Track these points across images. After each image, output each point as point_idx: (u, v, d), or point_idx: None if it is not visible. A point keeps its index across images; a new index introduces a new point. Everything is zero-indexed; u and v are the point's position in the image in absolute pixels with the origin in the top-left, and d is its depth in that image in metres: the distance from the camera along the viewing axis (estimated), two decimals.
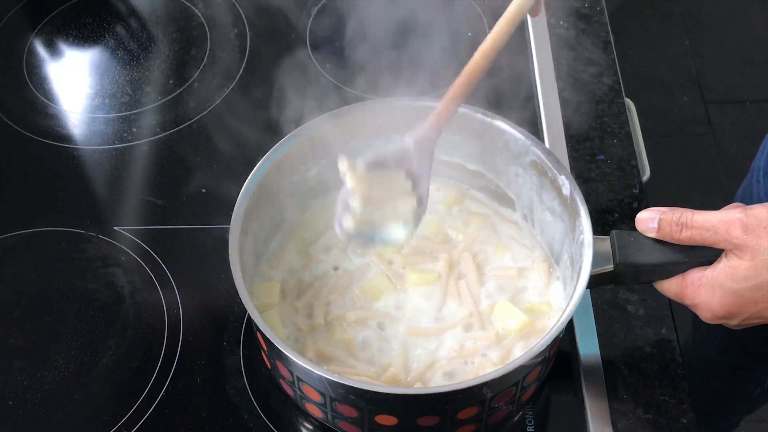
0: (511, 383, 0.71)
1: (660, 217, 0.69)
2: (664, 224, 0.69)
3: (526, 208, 0.84)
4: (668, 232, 0.69)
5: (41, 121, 1.00)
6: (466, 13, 1.09)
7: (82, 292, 0.87)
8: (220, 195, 0.89)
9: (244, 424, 0.78)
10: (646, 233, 0.71)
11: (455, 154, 0.86)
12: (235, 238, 0.73)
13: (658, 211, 0.70)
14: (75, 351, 0.83)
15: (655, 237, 0.70)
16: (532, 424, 0.77)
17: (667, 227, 0.69)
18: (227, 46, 1.07)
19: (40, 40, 1.09)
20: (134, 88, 1.04)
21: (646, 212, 0.70)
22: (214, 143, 0.97)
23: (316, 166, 0.84)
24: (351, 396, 0.68)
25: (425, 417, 0.70)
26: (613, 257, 0.72)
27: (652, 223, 0.70)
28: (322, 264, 0.82)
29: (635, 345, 0.81)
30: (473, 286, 0.80)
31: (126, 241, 0.90)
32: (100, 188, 0.95)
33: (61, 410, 0.79)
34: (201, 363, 0.81)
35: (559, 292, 0.80)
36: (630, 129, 0.97)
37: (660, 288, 0.72)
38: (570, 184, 0.76)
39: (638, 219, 0.71)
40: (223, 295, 0.85)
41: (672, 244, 0.70)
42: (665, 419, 0.77)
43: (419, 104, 0.84)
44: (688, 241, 0.69)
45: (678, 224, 0.68)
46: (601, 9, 1.09)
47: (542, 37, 1.05)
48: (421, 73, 0.94)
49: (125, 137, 0.99)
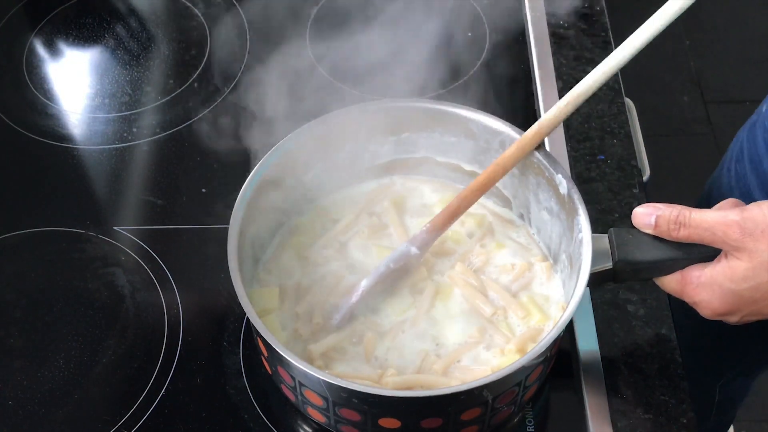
0: (514, 383, 0.71)
1: (657, 213, 0.69)
2: (662, 221, 0.69)
3: (523, 207, 0.84)
4: (665, 229, 0.69)
5: (41, 121, 1.00)
6: (466, 13, 1.09)
7: (82, 292, 0.87)
8: (220, 195, 0.90)
9: (244, 424, 0.78)
10: (642, 229, 0.71)
11: (451, 155, 0.86)
12: (234, 242, 0.73)
13: (655, 208, 0.70)
14: (75, 351, 0.83)
15: (652, 233, 0.70)
16: (532, 424, 0.77)
17: (665, 225, 0.69)
18: (227, 46, 1.07)
19: (40, 40, 1.09)
20: (134, 88, 1.04)
21: (642, 208, 0.70)
22: (214, 143, 0.97)
23: (314, 168, 0.84)
24: (354, 400, 0.68)
25: (428, 419, 0.70)
26: (612, 255, 0.72)
27: (648, 219, 0.70)
28: (321, 267, 0.82)
29: (635, 345, 0.81)
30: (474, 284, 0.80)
31: (126, 241, 0.90)
32: (100, 188, 0.95)
33: (61, 410, 0.79)
34: (201, 363, 0.81)
35: (558, 291, 0.80)
36: (630, 129, 0.97)
37: (660, 284, 0.73)
38: (567, 183, 0.76)
39: (635, 214, 0.71)
40: (223, 295, 0.85)
41: (669, 241, 0.70)
42: (665, 419, 0.77)
43: (418, 105, 0.84)
44: (685, 240, 0.69)
45: (676, 223, 0.68)
46: (601, 9, 1.09)
47: (542, 37, 1.05)
48: (421, 74, 0.94)
49: (125, 137, 0.99)
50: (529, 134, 0.77)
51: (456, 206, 0.78)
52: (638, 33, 0.70)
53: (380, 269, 0.78)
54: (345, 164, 0.85)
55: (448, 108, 0.83)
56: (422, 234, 0.79)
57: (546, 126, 0.76)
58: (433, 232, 0.79)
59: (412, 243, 0.79)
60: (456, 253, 0.83)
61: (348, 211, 0.86)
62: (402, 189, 0.88)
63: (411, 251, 0.78)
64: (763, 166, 0.95)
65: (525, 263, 0.82)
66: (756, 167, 0.97)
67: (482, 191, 0.78)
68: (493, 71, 1.03)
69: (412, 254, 0.79)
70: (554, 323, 0.73)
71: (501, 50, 1.05)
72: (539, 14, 1.08)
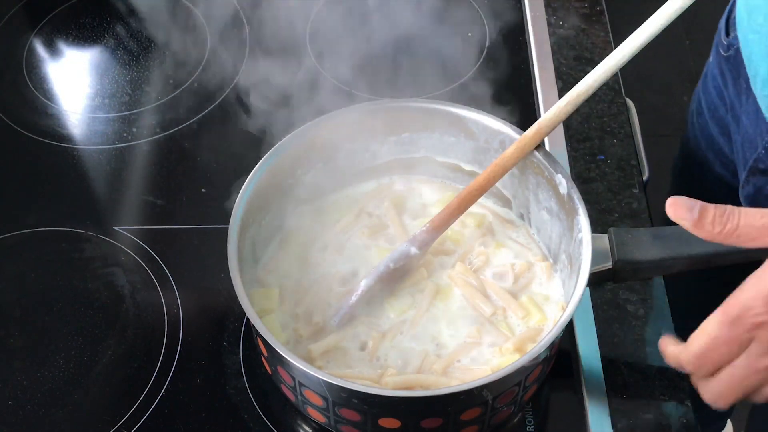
0: (514, 383, 0.71)
1: (702, 204, 0.62)
2: (707, 214, 0.62)
3: (523, 207, 0.84)
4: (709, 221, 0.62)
5: (41, 121, 1.01)
6: (466, 13, 1.09)
7: (82, 292, 0.87)
8: (220, 195, 0.89)
9: (244, 424, 0.78)
10: (678, 220, 0.63)
11: (451, 155, 0.86)
12: (234, 242, 0.73)
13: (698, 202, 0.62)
14: (75, 351, 0.83)
15: (689, 227, 0.63)
16: (532, 424, 0.77)
17: (709, 217, 0.62)
18: (227, 46, 1.07)
19: (40, 40, 1.09)
20: (134, 88, 1.04)
21: (683, 199, 0.63)
22: (214, 143, 0.97)
23: (313, 169, 0.84)
24: (354, 400, 0.68)
25: (428, 419, 0.70)
26: (612, 255, 0.72)
27: (690, 212, 0.62)
28: (321, 267, 0.82)
29: (635, 345, 0.81)
30: (474, 284, 0.80)
31: (126, 241, 0.90)
32: (100, 188, 0.95)
33: (61, 410, 0.79)
34: (201, 363, 0.81)
35: (558, 291, 0.80)
36: (630, 129, 0.97)
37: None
38: (567, 183, 0.76)
39: (674, 203, 0.63)
40: (223, 295, 0.85)
41: (670, 239, 0.69)
42: (665, 419, 0.77)
43: (418, 105, 0.84)
44: (725, 238, 0.63)
45: (723, 216, 0.62)
46: (601, 9, 1.09)
47: (542, 37, 1.05)
48: (420, 74, 0.94)
49: (125, 137, 0.99)
50: (528, 134, 0.77)
51: (456, 206, 0.78)
52: (638, 33, 0.70)
53: (380, 269, 0.78)
54: (345, 164, 0.85)
55: (448, 108, 0.83)
56: (422, 234, 0.79)
57: (546, 126, 0.76)
58: (432, 232, 0.79)
59: (412, 243, 0.79)
60: (456, 253, 0.83)
61: (348, 211, 0.86)
62: (402, 189, 0.88)
63: (411, 251, 0.78)
64: (719, 112, 0.97)
65: (525, 263, 0.82)
66: (713, 114, 0.98)
67: (482, 191, 0.78)
68: (493, 71, 1.03)
69: (412, 254, 0.79)
70: (554, 323, 0.73)
71: (501, 50, 1.05)
72: (539, 14, 1.08)
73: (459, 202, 0.78)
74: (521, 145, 0.77)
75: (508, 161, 0.77)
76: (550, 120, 0.76)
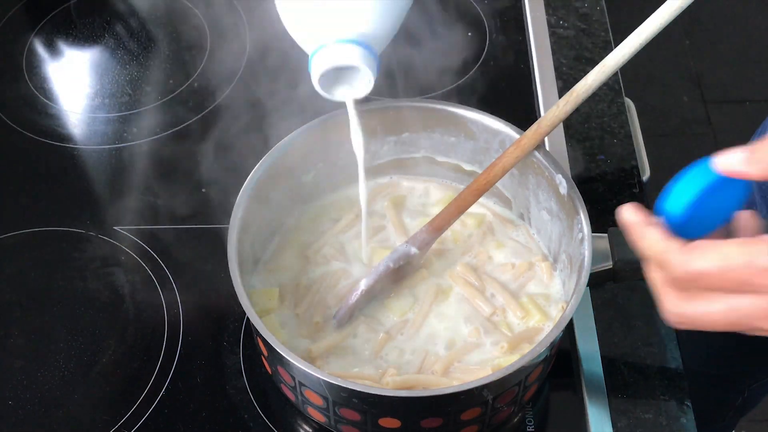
0: (514, 383, 0.71)
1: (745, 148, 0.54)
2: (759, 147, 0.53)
3: (523, 207, 0.84)
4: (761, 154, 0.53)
5: (41, 121, 1.00)
6: (466, 13, 1.09)
7: (82, 292, 0.87)
8: (220, 195, 0.89)
9: (244, 424, 0.78)
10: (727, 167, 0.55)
11: (451, 155, 0.86)
12: (234, 242, 0.73)
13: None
14: (75, 351, 0.83)
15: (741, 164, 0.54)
16: (532, 424, 0.77)
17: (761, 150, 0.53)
18: (227, 46, 1.07)
19: (40, 40, 1.09)
20: (134, 88, 1.04)
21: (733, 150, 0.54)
22: (214, 143, 0.96)
23: (313, 169, 0.84)
24: (354, 399, 0.68)
25: (428, 419, 0.70)
26: (612, 255, 0.72)
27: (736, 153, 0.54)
28: (321, 267, 0.82)
29: (635, 345, 0.81)
30: (474, 284, 0.80)
31: (126, 241, 0.90)
32: (100, 188, 0.95)
33: (61, 410, 0.79)
34: (201, 363, 0.81)
35: (558, 291, 0.80)
36: (630, 129, 0.97)
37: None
38: (567, 183, 0.76)
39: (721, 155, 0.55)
40: (223, 295, 0.85)
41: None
42: (665, 419, 0.77)
43: (418, 105, 0.84)
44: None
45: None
46: (601, 9, 1.09)
47: (542, 37, 1.05)
48: (420, 74, 0.94)
49: (125, 137, 0.99)
50: (528, 134, 0.77)
51: (456, 206, 0.78)
52: (638, 32, 0.70)
53: (380, 269, 0.78)
54: (345, 164, 0.85)
55: (448, 108, 0.83)
56: (422, 234, 0.79)
57: (546, 126, 0.76)
58: (433, 232, 0.79)
59: (412, 243, 0.79)
60: (456, 253, 0.83)
61: (348, 211, 0.86)
62: (402, 189, 0.88)
63: (411, 251, 0.78)
64: None
65: (525, 263, 0.82)
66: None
67: (482, 191, 0.78)
68: (493, 71, 1.03)
69: (412, 254, 0.79)
70: (554, 323, 0.73)
71: (501, 50, 1.05)
72: (539, 14, 1.08)
73: (459, 202, 0.78)
74: (521, 144, 0.77)
75: (508, 161, 0.77)
76: (550, 120, 0.76)
